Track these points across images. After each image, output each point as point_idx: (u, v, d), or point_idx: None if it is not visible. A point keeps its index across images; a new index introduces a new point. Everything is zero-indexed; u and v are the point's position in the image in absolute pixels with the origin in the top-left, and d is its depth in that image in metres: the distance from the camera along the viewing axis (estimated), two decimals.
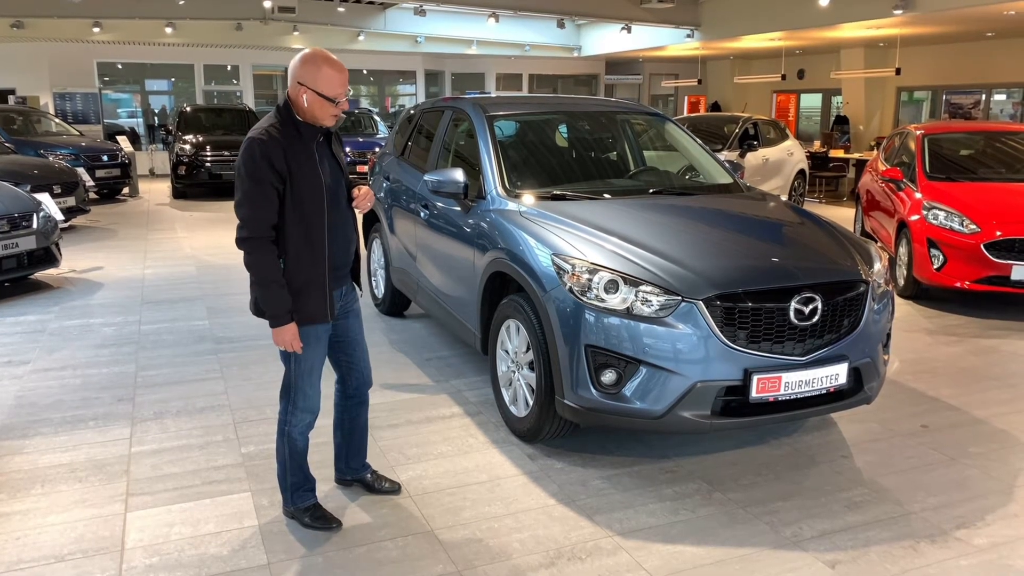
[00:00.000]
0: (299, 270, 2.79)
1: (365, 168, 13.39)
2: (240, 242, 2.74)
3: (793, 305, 3.31)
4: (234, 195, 2.77)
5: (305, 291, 2.81)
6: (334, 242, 2.87)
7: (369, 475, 3.38)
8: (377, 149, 13.49)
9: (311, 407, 2.99)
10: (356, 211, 3.02)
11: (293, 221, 2.76)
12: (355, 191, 3.00)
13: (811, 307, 3.34)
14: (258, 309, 2.87)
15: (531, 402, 3.72)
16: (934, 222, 6.48)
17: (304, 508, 3.10)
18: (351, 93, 3.10)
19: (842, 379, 3.43)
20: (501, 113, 4.89)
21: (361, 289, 3.18)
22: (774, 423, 3.85)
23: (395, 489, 3.37)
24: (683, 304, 3.26)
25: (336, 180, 2.90)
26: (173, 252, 8.93)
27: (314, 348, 2.91)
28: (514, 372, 3.88)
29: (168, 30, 16.04)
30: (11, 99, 16.63)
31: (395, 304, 6.05)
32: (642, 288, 3.31)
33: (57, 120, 14.25)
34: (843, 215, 11.22)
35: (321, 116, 2.79)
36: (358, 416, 3.27)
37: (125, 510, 3.23)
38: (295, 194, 2.74)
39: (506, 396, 3.99)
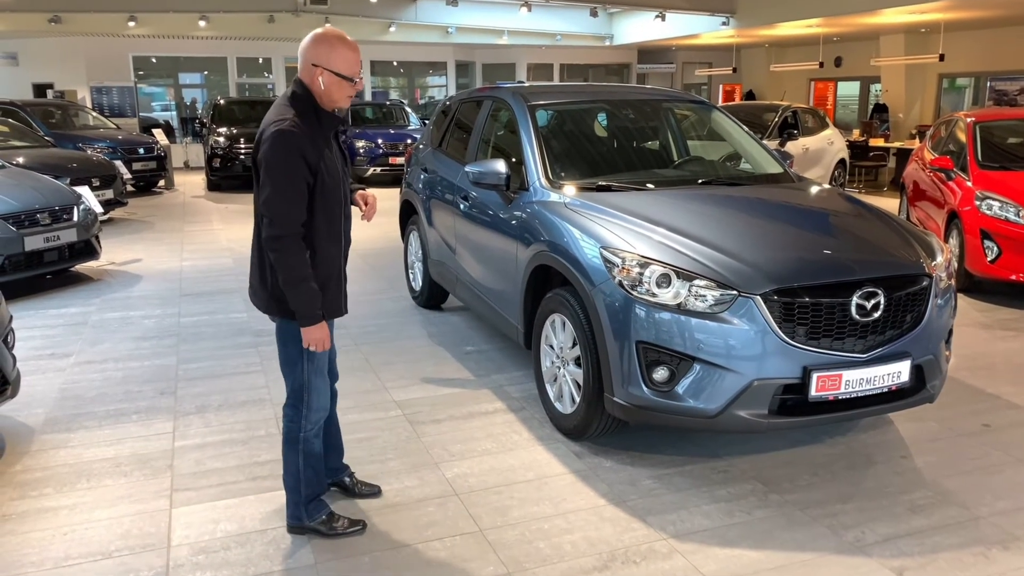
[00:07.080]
0: (323, 264, 2.71)
1: (399, 160, 13.36)
2: (272, 240, 2.57)
3: (855, 300, 3.17)
4: (259, 191, 2.61)
5: (327, 285, 2.73)
6: (347, 233, 2.84)
7: (347, 478, 3.27)
8: (409, 141, 13.44)
9: (323, 404, 2.89)
10: (364, 220, 3.00)
11: (319, 215, 2.67)
12: (359, 197, 2.95)
13: (874, 302, 3.20)
14: (281, 309, 2.71)
15: (577, 399, 3.63)
16: (988, 212, 6.26)
17: (320, 521, 2.95)
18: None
19: (904, 377, 3.29)
20: (543, 102, 4.78)
21: None
22: (833, 422, 3.72)
23: (375, 492, 3.25)
24: (740, 299, 3.14)
25: (344, 171, 2.82)
26: (209, 244, 8.95)
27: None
28: (559, 368, 3.79)
29: (201, 23, 16.12)
30: (49, 93, 16.87)
31: (433, 297, 5.99)
32: (696, 283, 3.19)
33: (94, 114, 14.39)
34: (886, 205, 10.92)
35: (339, 98, 2.68)
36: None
37: (170, 506, 3.20)
38: (322, 187, 2.65)
39: (551, 392, 3.90)
